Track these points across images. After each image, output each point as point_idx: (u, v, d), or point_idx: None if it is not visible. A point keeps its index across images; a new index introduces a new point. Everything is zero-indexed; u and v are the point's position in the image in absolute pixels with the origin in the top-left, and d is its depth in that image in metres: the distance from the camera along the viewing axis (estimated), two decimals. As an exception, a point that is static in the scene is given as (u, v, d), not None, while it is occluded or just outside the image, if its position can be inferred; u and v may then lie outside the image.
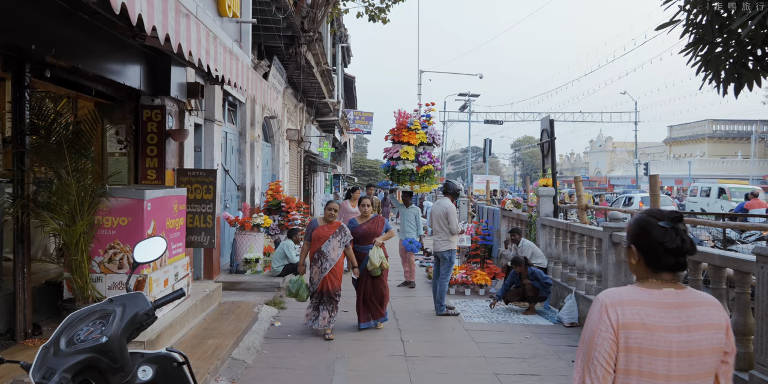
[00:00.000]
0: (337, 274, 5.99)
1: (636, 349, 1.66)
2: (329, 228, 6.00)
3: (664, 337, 1.66)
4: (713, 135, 45.83)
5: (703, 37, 3.31)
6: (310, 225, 6.09)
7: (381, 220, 6.58)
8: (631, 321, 1.67)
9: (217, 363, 4.67)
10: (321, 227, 5.99)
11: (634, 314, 1.68)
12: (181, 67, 6.21)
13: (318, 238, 5.95)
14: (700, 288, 4.63)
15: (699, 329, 1.68)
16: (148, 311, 2.05)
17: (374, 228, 6.44)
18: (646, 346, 1.66)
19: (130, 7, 2.40)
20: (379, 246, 6.25)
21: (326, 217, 6.05)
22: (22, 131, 4.21)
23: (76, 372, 1.82)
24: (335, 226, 6.03)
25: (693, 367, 1.68)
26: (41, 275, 5.29)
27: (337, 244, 5.97)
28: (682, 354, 1.67)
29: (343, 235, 6.02)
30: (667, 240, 1.72)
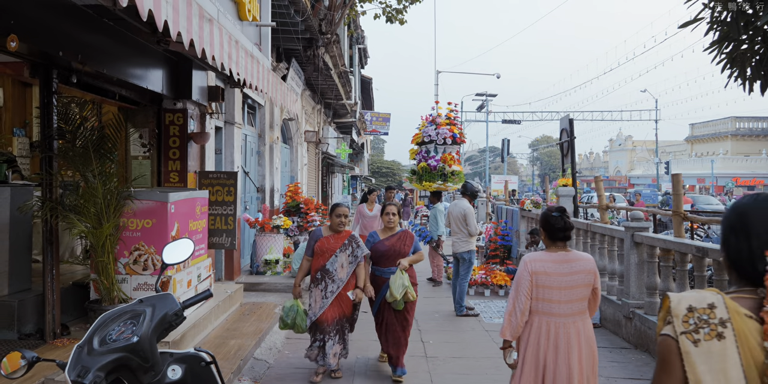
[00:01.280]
0: (346, 300, 4.67)
1: (542, 286, 2.94)
2: (336, 239, 4.70)
3: (557, 279, 2.93)
4: (736, 133, 45.03)
5: (727, 34, 3.27)
6: (312, 235, 4.79)
7: (409, 236, 5.01)
8: (539, 270, 2.96)
9: (239, 363, 4.73)
10: (326, 238, 4.71)
11: (540, 266, 2.97)
12: (201, 71, 6.30)
13: (322, 253, 4.66)
14: (704, 284, 4.60)
15: (577, 273, 2.95)
16: (177, 311, 2.09)
17: (400, 246, 4.90)
18: (547, 284, 2.94)
19: (157, 13, 2.45)
20: (404, 270, 4.72)
21: (333, 226, 4.73)
22: (50, 136, 4.31)
23: (108, 370, 1.86)
24: (344, 236, 4.74)
25: (573, 295, 2.95)
26: (68, 276, 5.41)
27: (346, 261, 4.66)
28: (567, 288, 2.93)
29: (354, 247, 4.70)
30: (556, 223, 3.02)
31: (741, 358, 1.21)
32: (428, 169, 9.51)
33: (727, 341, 1.22)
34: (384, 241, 4.93)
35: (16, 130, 6.81)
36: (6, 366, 1.88)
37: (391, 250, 4.88)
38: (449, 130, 9.47)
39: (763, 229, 1.30)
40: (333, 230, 4.76)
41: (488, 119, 38.77)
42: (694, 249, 4.87)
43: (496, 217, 13.07)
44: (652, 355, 5.40)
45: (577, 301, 2.94)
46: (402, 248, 4.90)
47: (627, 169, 57.55)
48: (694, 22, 3.44)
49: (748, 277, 1.31)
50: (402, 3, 12.11)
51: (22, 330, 4.40)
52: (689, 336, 1.24)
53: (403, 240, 4.95)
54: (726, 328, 1.23)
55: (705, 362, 1.22)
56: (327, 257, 4.66)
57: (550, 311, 2.93)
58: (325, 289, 4.62)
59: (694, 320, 1.26)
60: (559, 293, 2.91)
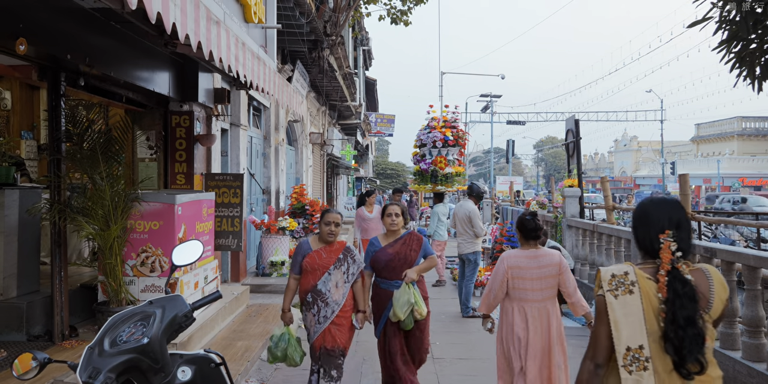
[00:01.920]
0: (343, 327, 3.89)
1: (517, 277, 3.59)
2: (329, 253, 3.89)
3: (529, 272, 3.57)
4: (743, 132, 44.82)
5: (736, 33, 3.26)
6: (299, 249, 3.95)
7: (416, 239, 4.22)
8: (514, 264, 3.60)
9: (247, 364, 4.74)
10: (316, 252, 3.88)
11: (515, 261, 3.61)
12: (208, 73, 6.32)
13: (312, 270, 3.86)
14: (734, 290, 4.55)
15: (545, 266, 3.57)
16: (186, 313, 2.10)
17: (406, 252, 4.13)
18: (521, 276, 3.58)
19: (165, 16, 2.46)
20: (411, 283, 3.96)
21: (323, 236, 3.91)
22: (59, 138, 4.33)
23: (119, 372, 1.87)
24: (337, 248, 3.93)
25: (544, 284, 3.57)
26: (76, 278, 5.43)
27: (341, 279, 3.89)
28: (538, 278, 3.57)
29: (350, 262, 3.94)
30: (529, 224, 3.68)
31: (643, 305, 1.89)
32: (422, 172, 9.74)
33: (635, 295, 1.90)
34: (386, 249, 4.16)
35: (23, 133, 6.85)
36: (18, 367, 1.89)
37: (396, 258, 4.10)
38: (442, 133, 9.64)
39: (656, 221, 1.96)
40: (323, 241, 3.92)
41: (493, 120, 38.73)
42: (702, 249, 4.85)
43: (501, 218, 13.05)
44: (660, 356, 5.37)
45: (548, 289, 3.60)
46: (409, 255, 4.13)
47: (632, 169, 57.35)
48: (703, 21, 3.44)
49: (649, 253, 1.98)
50: (407, 4, 12.12)
51: (31, 332, 4.43)
52: (612, 293, 1.93)
53: (409, 245, 4.17)
54: (634, 287, 1.91)
55: (621, 309, 1.90)
56: (318, 275, 3.86)
57: (525, 298, 3.59)
58: (318, 314, 3.86)
59: (615, 283, 1.94)
60: (531, 283, 3.58)
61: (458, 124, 10.16)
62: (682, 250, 1.90)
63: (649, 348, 1.86)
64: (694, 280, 1.85)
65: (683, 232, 1.95)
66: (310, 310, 3.89)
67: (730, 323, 4.45)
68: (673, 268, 1.87)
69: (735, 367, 4.21)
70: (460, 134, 9.97)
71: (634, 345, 1.87)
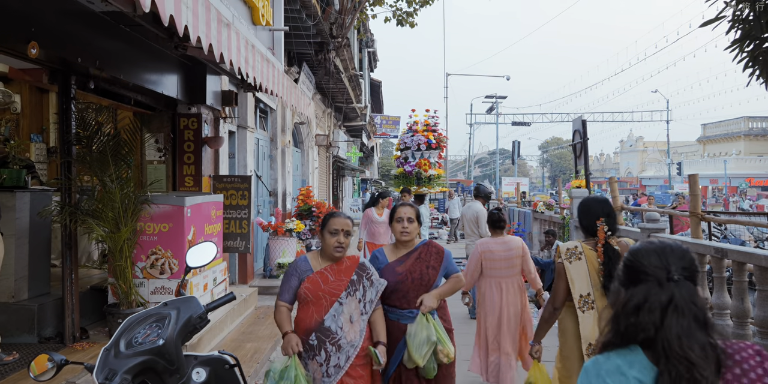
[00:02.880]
0: (362, 379, 2.79)
1: (489, 259, 4.47)
2: (337, 273, 2.83)
3: (499, 254, 4.45)
4: (749, 132, 44.58)
5: (749, 32, 3.24)
6: (293, 269, 2.87)
7: (435, 251, 3.14)
8: (486, 249, 4.49)
9: (256, 366, 4.74)
10: (319, 274, 2.82)
11: (487, 247, 4.50)
12: (215, 76, 6.34)
13: (315, 299, 2.78)
14: (745, 290, 4.53)
15: (511, 250, 4.45)
16: (201, 314, 2.10)
17: (421, 270, 3.06)
18: (493, 258, 4.47)
19: (177, 18, 2.47)
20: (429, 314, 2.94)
21: (327, 251, 2.86)
22: (69, 141, 4.35)
23: (135, 373, 1.87)
24: (349, 266, 2.87)
25: (510, 264, 4.46)
26: (86, 281, 5.46)
27: (356, 310, 2.80)
28: (505, 259, 4.45)
29: (367, 285, 2.86)
30: (495, 217, 4.63)
31: (588, 267, 2.95)
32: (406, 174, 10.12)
33: (582, 260, 2.97)
34: (395, 266, 3.05)
35: (33, 136, 6.89)
36: (34, 369, 1.90)
37: (408, 279, 3.01)
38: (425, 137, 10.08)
39: (594, 212, 2.99)
40: (328, 258, 2.85)
41: (498, 121, 38.67)
42: (713, 250, 4.82)
43: (508, 219, 13.03)
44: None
45: (514, 267, 4.51)
46: (425, 274, 3.04)
47: (638, 170, 57.11)
48: (716, 20, 3.42)
49: (590, 233, 3.03)
50: (413, 6, 12.13)
51: (42, 334, 4.45)
52: (567, 260, 3.00)
53: (425, 260, 3.07)
54: (582, 255, 2.98)
55: (574, 270, 2.96)
56: (324, 307, 2.75)
57: (498, 275, 4.51)
58: (327, 362, 2.71)
59: (569, 253, 3.01)
60: (500, 263, 4.49)
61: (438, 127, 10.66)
62: (611, 230, 2.95)
63: (593, 294, 2.93)
64: (619, 249, 2.88)
65: (611, 219, 2.97)
66: (315, 358, 2.71)
67: (742, 324, 4.42)
68: (606, 242, 2.92)
69: (747, 369, 4.18)
70: (441, 138, 10.46)
71: (584, 293, 2.94)
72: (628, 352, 1.30)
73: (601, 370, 1.30)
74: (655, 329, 1.26)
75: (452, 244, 15.60)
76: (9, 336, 4.25)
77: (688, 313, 1.26)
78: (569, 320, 3.04)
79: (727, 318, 4.66)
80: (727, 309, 4.65)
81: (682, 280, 1.31)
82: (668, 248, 1.38)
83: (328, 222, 2.89)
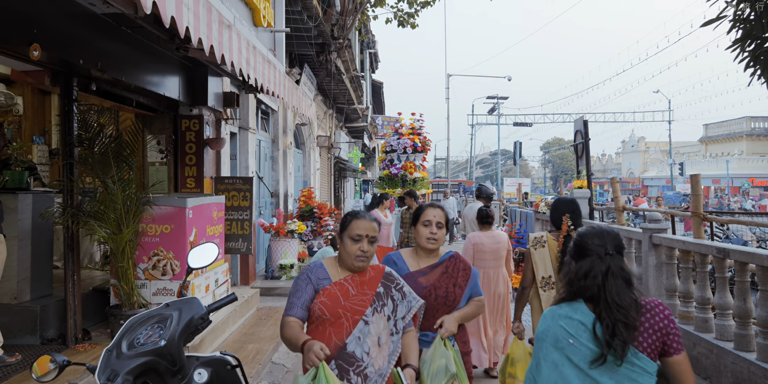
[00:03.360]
0: None
1: (480, 251, 4.98)
2: (360, 286, 2.36)
3: (488, 247, 4.98)
4: (751, 132, 44.48)
5: (750, 32, 3.24)
6: (306, 276, 2.39)
7: (464, 267, 2.74)
8: (478, 242, 5.00)
9: (258, 367, 4.75)
10: (339, 285, 2.34)
11: (479, 239, 5.01)
12: (217, 77, 6.35)
13: (335, 318, 2.29)
14: (748, 290, 4.51)
15: (498, 243, 5.03)
16: (203, 315, 2.10)
17: (447, 287, 2.66)
18: (483, 249, 4.99)
19: (179, 20, 2.48)
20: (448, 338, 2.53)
21: (348, 260, 2.37)
22: (71, 143, 4.36)
23: (137, 374, 1.87)
24: (373, 277, 2.39)
25: (497, 255, 5.01)
26: (88, 282, 5.46)
27: (385, 330, 2.34)
28: (493, 251, 5.00)
29: (397, 297, 2.40)
30: (483, 213, 5.13)
31: (549, 254, 3.52)
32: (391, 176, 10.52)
33: (545, 248, 3.54)
34: (417, 277, 2.64)
35: (35, 137, 6.91)
36: (36, 370, 1.90)
37: (432, 295, 2.61)
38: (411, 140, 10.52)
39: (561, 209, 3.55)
40: (348, 268, 2.36)
41: (500, 122, 38.66)
42: (715, 250, 4.81)
43: (510, 219, 13.02)
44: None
45: (500, 259, 5.05)
46: (452, 292, 2.64)
47: (640, 170, 57.03)
48: (717, 20, 3.42)
49: (557, 226, 3.56)
50: (414, 7, 12.14)
51: (45, 335, 4.45)
52: (533, 247, 3.58)
53: (452, 276, 2.68)
54: (546, 244, 3.56)
55: (538, 256, 3.55)
56: (346, 327, 2.26)
57: (486, 266, 4.96)
58: None
59: (535, 242, 3.60)
60: (489, 254, 4.98)
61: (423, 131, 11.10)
62: (575, 225, 3.48)
63: (553, 277, 3.45)
64: None
65: (575, 215, 3.54)
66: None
67: (744, 324, 4.41)
68: (567, 234, 3.42)
69: (750, 369, 4.17)
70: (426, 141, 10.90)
71: (546, 275, 3.49)
72: (575, 304, 1.86)
73: (555, 315, 1.87)
74: (597, 288, 1.81)
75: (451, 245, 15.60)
76: (11, 337, 4.26)
77: (619, 276, 1.82)
78: (535, 299, 3.62)
79: (729, 318, 4.65)
80: (729, 309, 4.64)
81: (615, 254, 1.86)
82: (605, 232, 1.91)
83: (349, 225, 2.36)
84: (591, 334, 1.78)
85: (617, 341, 1.74)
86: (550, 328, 1.86)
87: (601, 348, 1.76)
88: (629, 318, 1.75)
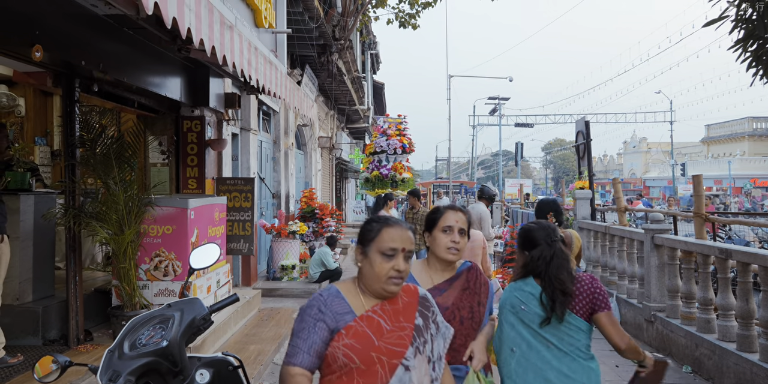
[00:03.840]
0: None
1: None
2: (394, 316, 1.75)
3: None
4: (753, 133, 44.41)
5: (753, 32, 3.24)
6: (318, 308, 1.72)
7: (485, 282, 2.35)
8: None
9: (260, 368, 4.74)
10: (367, 319, 1.72)
11: None
12: (218, 78, 6.36)
13: (367, 364, 1.66)
14: (750, 291, 4.51)
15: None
16: (204, 316, 2.10)
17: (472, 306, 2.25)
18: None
19: (180, 21, 2.48)
20: (479, 372, 2.12)
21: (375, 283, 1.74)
22: (73, 144, 4.37)
23: (139, 375, 1.87)
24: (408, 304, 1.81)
25: (471, 253, 4.22)
26: (90, 283, 5.47)
27: (426, 376, 1.74)
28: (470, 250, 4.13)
29: (433, 331, 1.82)
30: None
31: None
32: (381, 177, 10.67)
33: None
34: (434, 295, 2.11)
35: (37, 139, 6.92)
36: (38, 370, 1.90)
37: (456, 317, 2.21)
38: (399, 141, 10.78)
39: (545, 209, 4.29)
40: (376, 294, 1.79)
41: (501, 123, 38.66)
42: (717, 250, 4.80)
43: (511, 220, 13.01)
44: (675, 358, 5.32)
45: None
46: (477, 312, 2.26)
47: (642, 171, 56.96)
48: (719, 20, 3.42)
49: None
50: (415, 8, 12.16)
51: (47, 336, 4.46)
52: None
53: (475, 290, 2.28)
54: None
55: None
56: (381, 376, 1.69)
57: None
58: None
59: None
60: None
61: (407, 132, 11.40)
62: (558, 222, 3.89)
63: None
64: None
65: (558, 213, 3.97)
66: None
67: (747, 325, 4.40)
68: None
69: (752, 370, 4.16)
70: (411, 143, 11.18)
71: None
72: (527, 279, 2.40)
73: (511, 288, 2.44)
74: (545, 267, 2.34)
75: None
76: (14, 338, 4.26)
77: (561, 258, 2.36)
78: None
79: (732, 319, 4.64)
80: (731, 310, 4.63)
81: (557, 242, 2.40)
82: (547, 226, 2.46)
83: (378, 235, 1.75)
84: (538, 301, 2.32)
85: (558, 305, 2.27)
86: (508, 298, 2.42)
87: (546, 312, 2.29)
88: (566, 287, 2.28)
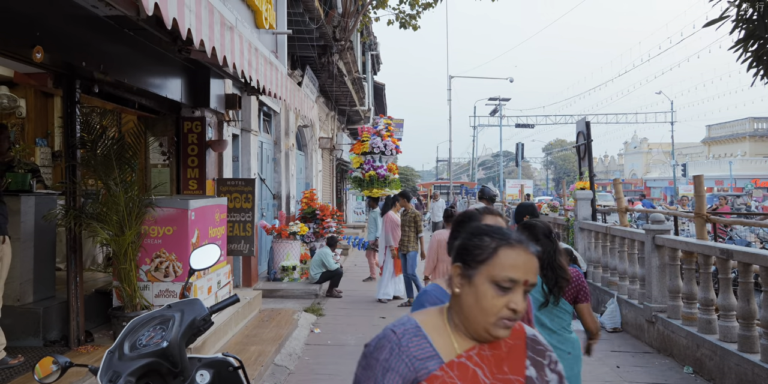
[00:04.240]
0: None
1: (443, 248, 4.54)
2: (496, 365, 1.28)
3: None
4: (754, 133, 44.35)
5: (753, 32, 3.23)
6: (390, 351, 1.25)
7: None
8: (441, 238, 4.96)
9: (260, 369, 4.74)
10: (461, 367, 1.25)
11: (443, 237, 4.78)
12: (219, 79, 6.36)
13: None
14: (751, 291, 4.50)
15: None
16: (205, 317, 2.10)
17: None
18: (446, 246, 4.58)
19: (181, 21, 2.48)
20: None
21: (477, 322, 1.25)
22: (74, 145, 4.37)
23: (139, 375, 1.87)
24: (513, 346, 1.33)
25: None
26: (91, 284, 5.47)
27: None
28: None
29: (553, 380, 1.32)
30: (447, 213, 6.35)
31: None
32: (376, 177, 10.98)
33: None
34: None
35: (38, 140, 6.92)
36: (38, 371, 1.90)
37: None
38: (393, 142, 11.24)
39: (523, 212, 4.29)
40: (474, 334, 1.29)
41: (502, 123, 38.66)
42: (718, 251, 4.80)
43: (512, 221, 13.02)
44: (676, 359, 5.31)
45: None
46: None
47: (643, 171, 56.89)
48: (720, 20, 3.41)
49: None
50: (415, 8, 12.16)
51: (47, 337, 4.46)
52: None
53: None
54: None
55: None
56: None
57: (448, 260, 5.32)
58: None
59: None
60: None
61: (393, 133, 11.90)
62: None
63: None
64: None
65: (534, 216, 4.06)
66: None
67: (748, 325, 4.39)
68: None
69: (754, 370, 4.16)
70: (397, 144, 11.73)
71: None
72: None
73: None
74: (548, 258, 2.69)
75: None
76: (14, 339, 4.25)
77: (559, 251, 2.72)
78: None
79: (733, 320, 4.63)
80: (732, 310, 4.62)
81: (554, 237, 2.76)
82: (546, 225, 2.82)
83: (495, 255, 1.28)
84: (540, 289, 2.73)
85: (556, 290, 2.72)
86: None
87: (545, 296, 2.74)
88: (567, 275, 2.73)
